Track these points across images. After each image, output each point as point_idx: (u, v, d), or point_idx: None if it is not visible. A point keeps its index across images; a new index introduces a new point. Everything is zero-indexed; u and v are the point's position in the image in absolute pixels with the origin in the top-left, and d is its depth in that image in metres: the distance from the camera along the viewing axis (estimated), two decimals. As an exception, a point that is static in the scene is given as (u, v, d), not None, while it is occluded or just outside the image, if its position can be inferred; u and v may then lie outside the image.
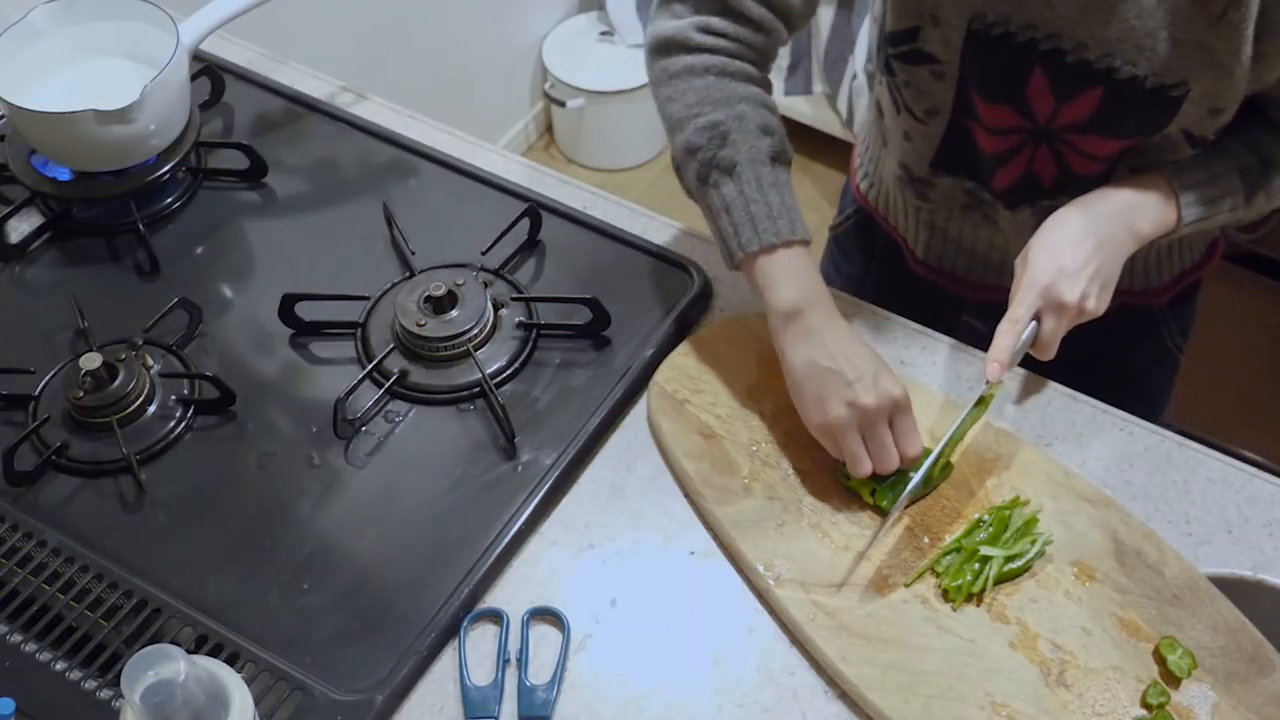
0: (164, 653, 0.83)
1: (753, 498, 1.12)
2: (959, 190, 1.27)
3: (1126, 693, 1.00)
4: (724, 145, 1.12)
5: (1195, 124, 1.11)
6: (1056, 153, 1.18)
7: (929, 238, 1.36)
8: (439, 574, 1.08)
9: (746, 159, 1.12)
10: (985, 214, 1.28)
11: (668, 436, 1.16)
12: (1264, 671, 1.00)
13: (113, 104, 1.27)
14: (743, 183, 1.12)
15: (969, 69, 1.14)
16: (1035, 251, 1.10)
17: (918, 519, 1.10)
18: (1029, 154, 1.19)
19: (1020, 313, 1.08)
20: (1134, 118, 1.11)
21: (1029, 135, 1.17)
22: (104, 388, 1.16)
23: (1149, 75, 1.07)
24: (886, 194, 1.39)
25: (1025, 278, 1.09)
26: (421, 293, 1.22)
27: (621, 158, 3.04)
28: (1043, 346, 1.11)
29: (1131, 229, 1.12)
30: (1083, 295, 1.08)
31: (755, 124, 1.13)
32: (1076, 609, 1.04)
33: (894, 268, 1.42)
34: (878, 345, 1.23)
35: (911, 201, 1.33)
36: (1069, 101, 1.12)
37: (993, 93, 1.15)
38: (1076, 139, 1.16)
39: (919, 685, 1.00)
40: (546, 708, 1.02)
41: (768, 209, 1.11)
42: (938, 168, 1.26)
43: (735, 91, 1.14)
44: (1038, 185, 1.22)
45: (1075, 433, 1.18)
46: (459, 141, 1.44)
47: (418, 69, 2.58)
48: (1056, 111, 1.14)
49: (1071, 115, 1.13)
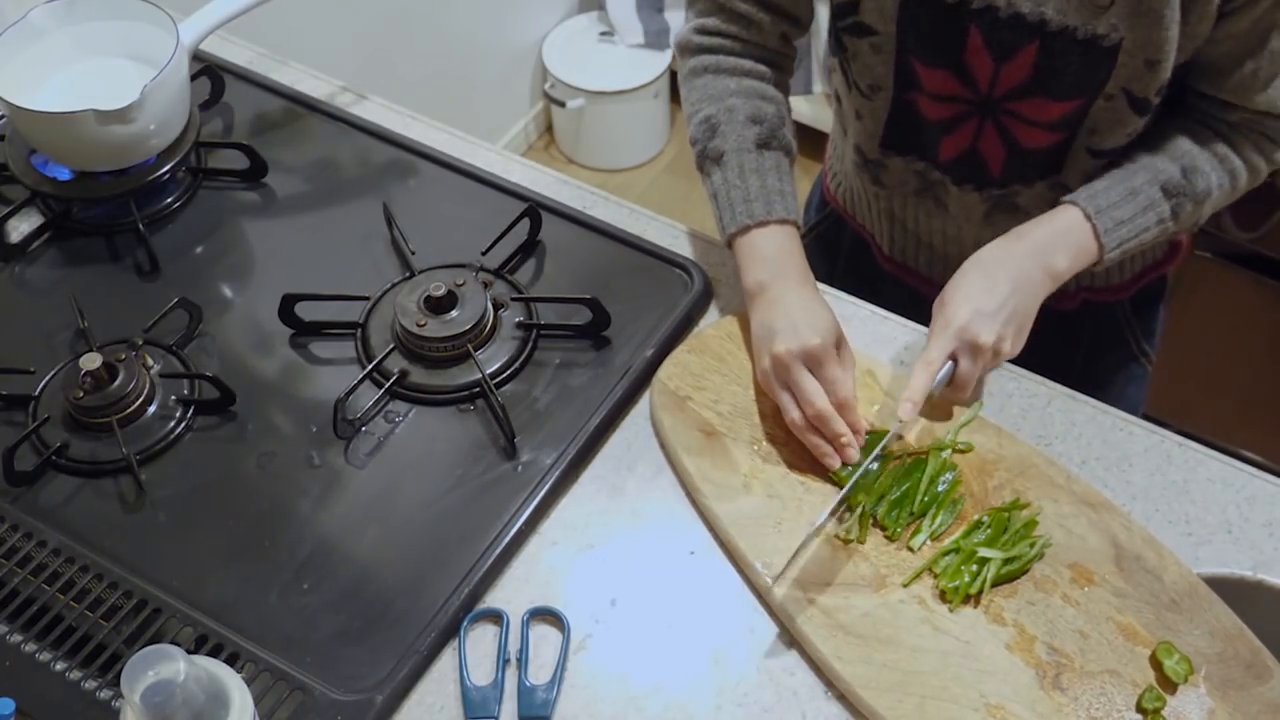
0: (164, 653, 0.83)
1: (752, 495, 1.12)
2: (910, 172, 1.29)
3: (1122, 697, 1.00)
4: (713, 137, 1.21)
5: (1135, 81, 1.11)
6: (1002, 127, 1.19)
7: (891, 229, 1.38)
8: (439, 574, 1.08)
9: (733, 148, 1.19)
10: (936, 198, 1.29)
11: (669, 433, 1.16)
12: (1261, 679, 1.00)
13: (113, 104, 1.27)
14: (727, 170, 1.20)
15: (906, 37, 1.15)
16: (950, 293, 1.11)
17: (918, 519, 1.11)
18: (975, 127, 1.20)
19: (934, 354, 1.09)
20: (1071, 73, 1.11)
21: (973, 106, 1.18)
22: (104, 388, 1.16)
23: (1080, 25, 1.08)
24: (850, 188, 1.40)
25: (940, 319, 1.11)
26: (421, 293, 1.22)
27: (621, 158, 3.04)
28: (959, 388, 1.12)
29: (1047, 268, 1.12)
30: (998, 337, 1.09)
31: (744, 115, 1.20)
32: (1074, 612, 1.04)
33: (862, 267, 1.44)
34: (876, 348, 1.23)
35: (869, 189, 1.35)
36: (1007, 61, 1.12)
37: (932, 58, 1.16)
38: (1019, 105, 1.16)
39: (913, 685, 1.00)
40: (546, 708, 1.02)
41: (745, 193, 1.18)
42: (888, 147, 1.28)
43: (727, 86, 1.22)
44: (985, 167, 1.22)
45: (1075, 433, 1.18)
46: (459, 141, 1.44)
47: (418, 69, 2.58)
48: (996, 74, 1.14)
49: (1011, 78, 1.14)
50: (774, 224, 1.17)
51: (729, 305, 1.28)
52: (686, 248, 1.32)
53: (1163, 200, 1.15)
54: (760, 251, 1.17)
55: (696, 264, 1.29)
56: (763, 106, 1.21)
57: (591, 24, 3.00)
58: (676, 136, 3.11)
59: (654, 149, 3.07)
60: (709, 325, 1.25)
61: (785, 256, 1.17)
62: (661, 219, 1.36)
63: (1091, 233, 1.14)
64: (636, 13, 2.92)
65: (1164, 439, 1.17)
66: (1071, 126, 1.17)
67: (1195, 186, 1.15)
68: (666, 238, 1.33)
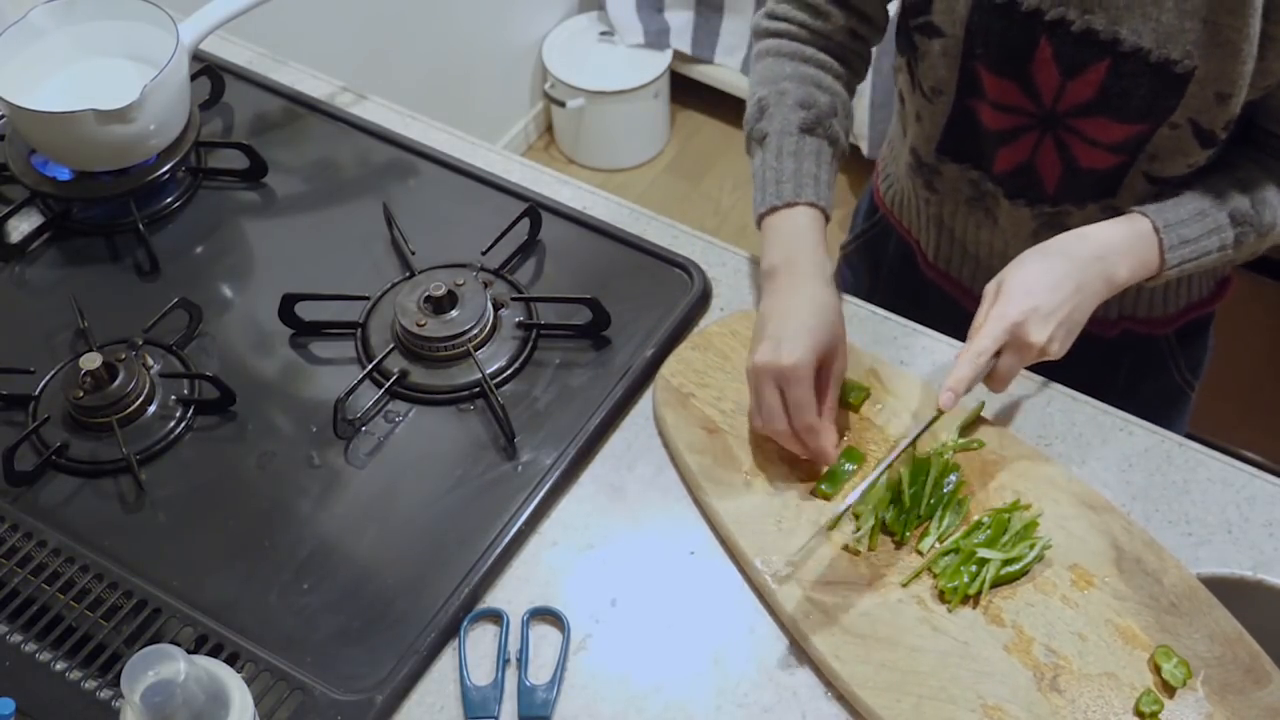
0: (164, 653, 0.83)
1: (754, 493, 1.12)
2: (963, 180, 1.27)
3: (1120, 700, 1.00)
4: (761, 118, 1.21)
5: (1203, 113, 1.10)
6: (1061, 143, 1.17)
7: (938, 237, 1.36)
8: (439, 574, 1.08)
9: (776, 130, 1.19)
10: (987, 209, 1.28)
11: (671, 429, 1.16)
12: (1260, 683, 1.00)
13: (113, 104, 1.27)
14: (767, 151, 1.19)
15: (974, 42, 1.14)
16: (1010, 285, 1.07)
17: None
18: (1033, 140, 1.18)
19: (985, 344, 1.05)
20: (1139, 96, 1.10)
21: (1034, 119, 1.16)
22: (104, 388, 1.16)
23: (1154, 48, 1.06)
24: (901, 191, 1.39)
25: (996, 309, 1.06)
26: (421, 293, 1.22)
27: (621, 158, 3.04)
28: (997, 380, 1.08)
29: (1108, 276, 1.10)
30: (1049, 338, 1.06)
31: (794, 99, 1.20)
32: (1073, 614, 1.04)
33: (905, 275, 1.42)
34: (877, 348, 1.23)
35: (921, 194, 1.33)
36: (1075, 78, 1.11)
37: (999, 66, 1.14)
38: (1082, 123, 1.14)
39: (910, 685, 1.00)
40: (546, 708, 1.02)
41: (778, 174, 1.17)
42: (943, 153, 1.27)
43: (783, 70, 1.22)
44: (1039, 183, 1.21)
45: (1075, 433, 1.18)
46: (459, 141, 1.44)
47: (418, 69, 2.58)
48: (1062, 89, 1.12)
49: (1077, 94, 1.12)
50: (802, 205, 1.16)
51: (729, 305, 1.28)
52: (686, 248, 1.32)
53: (1229, 227, 1.13)
54: (780, 234, 1.16)
55: (696, 264, 1.29)
56: (815, 94, 1.20)
57: (591, 24, 3.00)
58: (676, 136, 3.11)
59: (654, 149, 3.07)
60: (713, 322, 1.25)
61: (801, 241, 1.15)
62: (661, 219, 1.36)
63: (1157, 246, 1.11)
64: (636, 13, 2.92)
65: (1164, 439, 1.17)
66: (1132, 151, 1.15)
67: (1262, 218, 1.14)
68: (666, 238, 1.33)
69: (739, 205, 2.96)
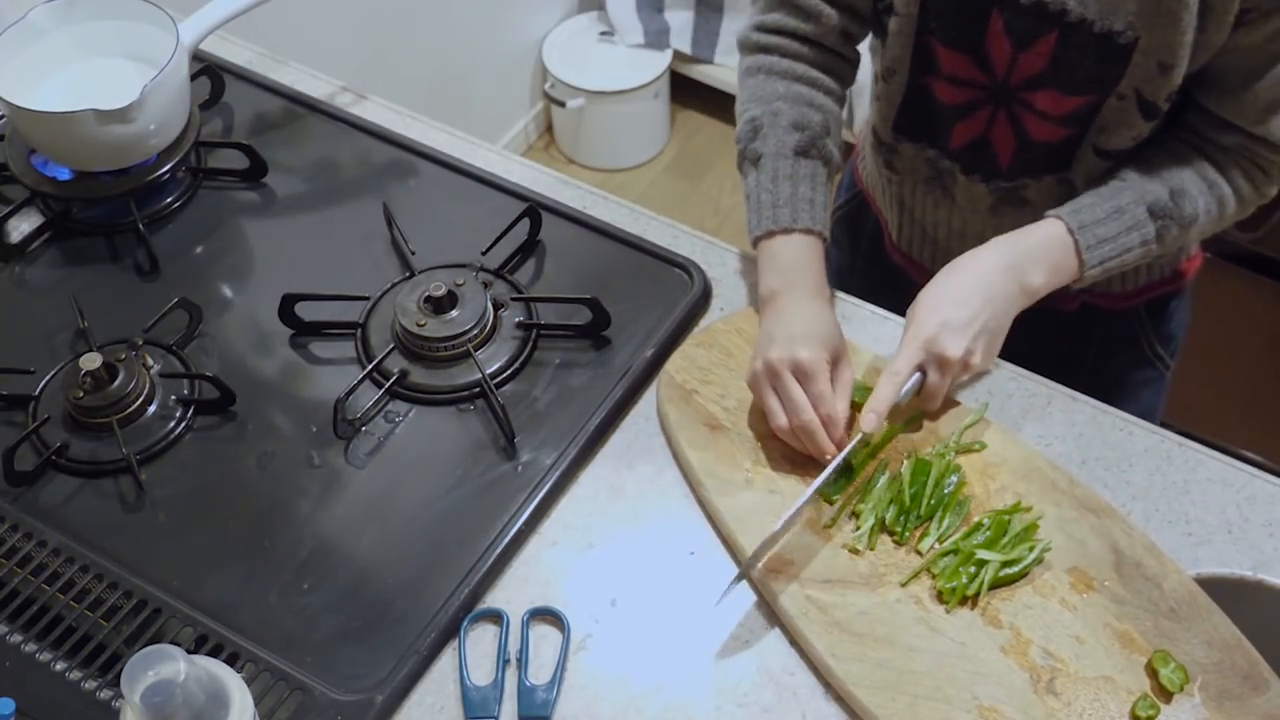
0: (164, 653, 0.83)
1: (754, 490, 1.12)
2: (920, 159, 1.29)
3: (1116, 704, 1.00)
4: (755, 138, 1.21)
5: (1146, 83, 1.11)
6: (1014, 117, 1.18)
7: (900, 217, 1.38)
8: (439, 574, 1.08)
9: (771, 152, 1.19)
10: (944, 187, 1.28)
11: (674, 425, 1.16)
12: (1257, 690, 0.99)
13: (113, 104, 1.27)
14: (762, 173, 1.19)
15: (928, 18, 1.15)
16: (920, 305, 1.12)
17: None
18: (987, 115, 1.20)
19: (901, 365, 1.10)
20: (1085, 68, 1.11)
21: (987, 93, 1.18)
22: (104, 388, 1.16)
23: (1098, 19, 1.08)
24: (870, 168, 1.41)
25: (910, 330, 1.11)
26: (421, 293, 1.22)
27: (621, 158, 3.04)
28: (927, 398, 1.13)
29: (1021, 283, 1.12)
30: (966, 350, 1.09)
31: (788, 120, 1.20)
32: (1071, 617, 1.04)
33: (876, 255, 1.44)
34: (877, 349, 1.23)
35: (883, 173, 1.35)
36: (1026, 49, 1.12)
37: (952, 39, 1.16)
38: (1033, 96, 1.16)
39: (906, 684, 1.00)
40: (546, 708, 1.02)
41: (774, 199, 1.18)
42: (900, 131, 1.28)
43: (776, 90, 1.22)
44: (994, 157, 1.22)
45: (1075, 433, 1.18)
46: (459, 141, 1.44)
47: (418, 69, 2.58)
48: (1014, 62, 1.14)
49: (1028, 66, 1.14)
50: (798, 233, 1.17)
51: (729, 305, 1.28)
52: (686, 248, 1.32)
53: (1148, 221, 1.15)
54: (779, 260, 1.17)
55: (696, 264, 1.29)
56: (808, 114, 1.21)
57: (591, 24, 3.00)
58: (676, 136, 3.11)
59: (654, 149, 3.07)
60: (718, 320, 1.25)
61: (801, 267, 1.17)
62: (661, 219, 1.36)
63: (1073, 248, 1.13)
64: (636, 13, 2.92)
65: (1164, 439, 1.17)
66: (1082, 123, 1.17)
67: (1183, 210, 1.15)
68: (666, 238, 1.33)
69: (739, 205, 2.96)
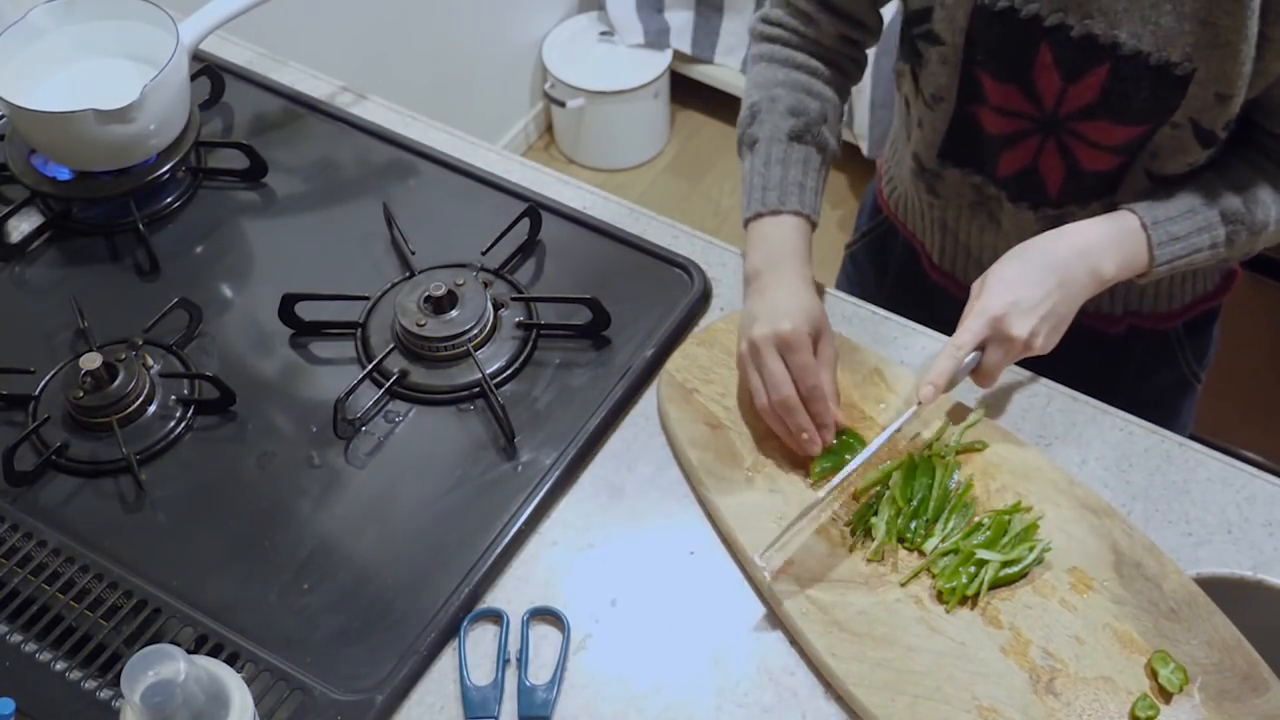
0: (164, 653, 0.83)
1: (754, 490, 1.12)
2: (966, 185, 1.28)
3: (1115, 704, 1.00)
4: (752, 123, 1.23)
5: (1203, 113, 1.10)
6: (1064, 147, 1.17)
7: (942, 240, 1.36)
8: (439, 574, 1.08)
9: (766, 136, 1.21)
10: (990, 212, 1.28)
11: (674, 424, 1.16)
12: (1257, 691, 0.99)
13: (113, 104, 1.27)
14: (756, 157, 1.21)
15: (975, 50, 1.14)
16: (991, 280, 1.10)
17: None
18: (1036, 144, 1.18)
19: (965, 339, 1.08)
20: (1140, 99, 1.10)
21: (1036, 124, 1.17)
22: (104, 388, 1.16)
23: (1153, 51, 1.07)
24: (904, 195, 1.39)
25: (977, 304, 1.09)
26: (421, 293, 1.22)
27: (621, 158, 3.04)
28: (984, 375, 1.10)
29: (1094, 270, 1.10)
30: (1031, 332, 1.07)
31: (785, 105, 1.21)
32: (1071, 617, 1.04)
33: (911, 277, 1.43)
34: (877, 349, 1.23)
35: (924, 198, 1.34)
36: (1075, 81, 1.11)
37: (1000, 72, 1.15)
38: (1084, 126, 1.14)
39: (906, 684, 1.00)
40: (546, 708, 1.02)
41: (764, 181, 1.19)
42: (945, 157, 1.27)
43: (775, 76, 1.24)
44: (1042, 185, 1.21)
45: (1075, 433, 1.18)
46: (459, 141, 1.44)
47: (418, 69, 2.58)
48: (1063, 93, 1.13)
49: (1078, 98, 1.12)
50: (786, 214, 1.18)
51: (729, 305, 1.28)
52: (686, 248, 1.32)
53: (1220, 224, 1.13)
54: (764, 240, 1.18)
55: (696, 264, 1.29)
56: (806, 100, 1.22)
57: (591, 24, 3.00)
58: (676, 136, 3.11)
59: (654, 149, 3.07)
60: (719, 319, 1.25)
61: (785, 247, 1.17)
62: (661, 219, 1.36)
63: (1145, 242, 1.12)
64: (636, 13, 2.92)
65: (1164, 439, 1.17)
66: (1133, 151, 1.16)
67: (1254, 216, 1.14)
68: (666, 238, 1.33)
69: (739, 205, 2.95)
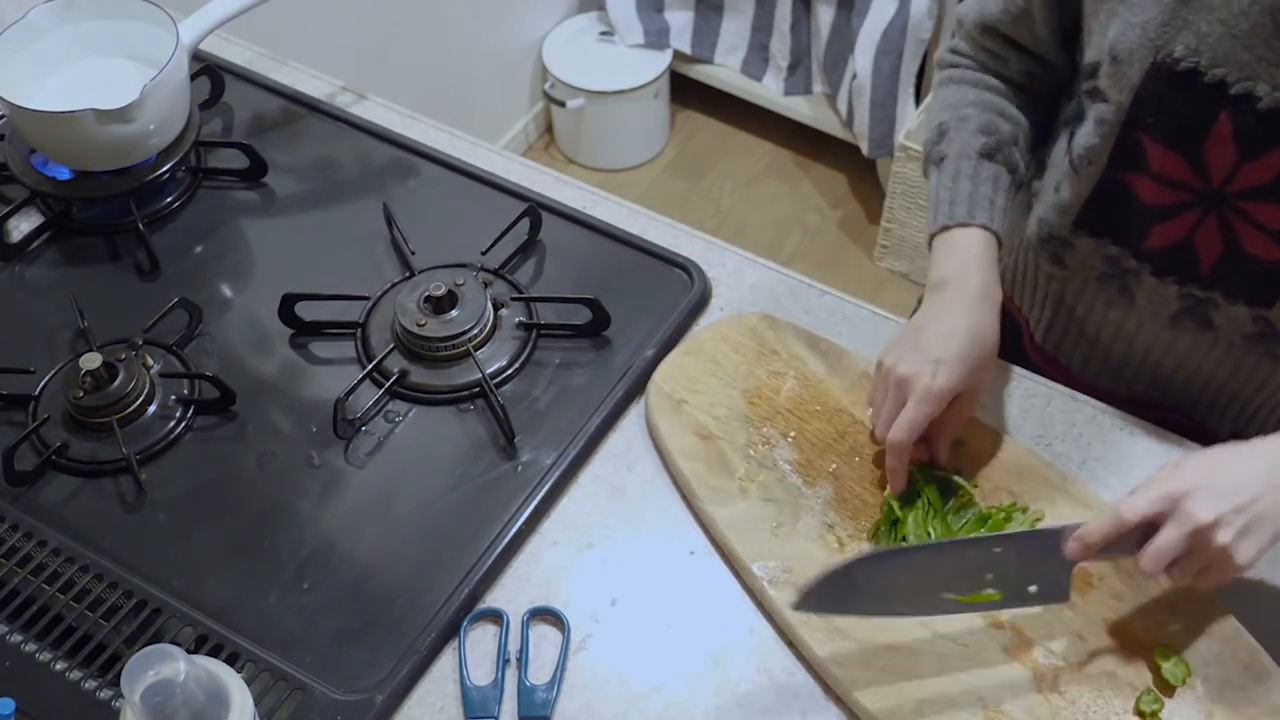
0: (164, 653, 0.83)
1: (749, 499, 1.12)
2: (1099, 257, 1.18)
3: (1120, 700, 1.00)
4: (940, 140, 1.19)
5: None
6: (1225, 223, 1.07)
7: (1053, 317, 1.28)
8: (439, 574, 1.08)
9: (955, 153, 1.17)
10: (1124, 286, 1.18)
11: (665, 437, 1.16)
12: (1259, 681, 1.00)
13: (112, 103, 1.27)
14: (944, 173, 1.16)
15: (1142, 111, 1.06)
16: (1188, 461, 0.95)
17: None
18: (1195, 219, 1.08)
19: (1139, 503, 0.92)
20: None
21: (1198, 197, 1.07)
22: (104, 388, 1.16)
23: None
24: (1016, 263, 1.30)
25: (1159, 476, 0.95)
26: (421, 293, 1.22)
27: (621, 158, 3.04)
28: (1148, 559, 0.92)
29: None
30: (1219, 520, 0.90)
31: (975, 125, 1.18)
32: (1072, 615, 1.04)
33: (1008, 353, 1.26)
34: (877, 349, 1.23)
35: (1045, 268, 1.25)
36: (1252, 160, 1.01)
37: (1168, 139, 1.05)
38: (1253, 207, 1.04)
39: (910, 689, 1.00)
40: (546, 708, 1.02)
41: (952, 195, 1.15)
42: (1081, 226, 1.18)
43: (965, 97, 1.21)
44: (1194, 262, 1.11)
45: (1075, 433, 1.18)
46: (459, 141, 1.44)
47: (418, 69, 2.58)
48: (1236, 170, 1.03)
49: (1253, 176, 1.02)
50: (975, 227, 1.12)
51: (729, 305, 1.28)
52: (686, 248, 1.32)
53: None
54: (953, 249, 1.13)
55: (696, 264, 1.29)
56: (997, 122, 1.18)
57: (591, 24, 3.00)
58: (676, 136, 3.11)
59: (654, 149, 3.07)
60: (704, 328, 1.25)
61: (972, 259, 1.11)
62: (661, 219, 1.36)
63: None
64: (636, 13, 2.92)
65: (1164, 438, 1.17)
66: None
67: None
68: (666, 238, 1.33)
69: (739, 205, 2.96)
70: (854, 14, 2.68)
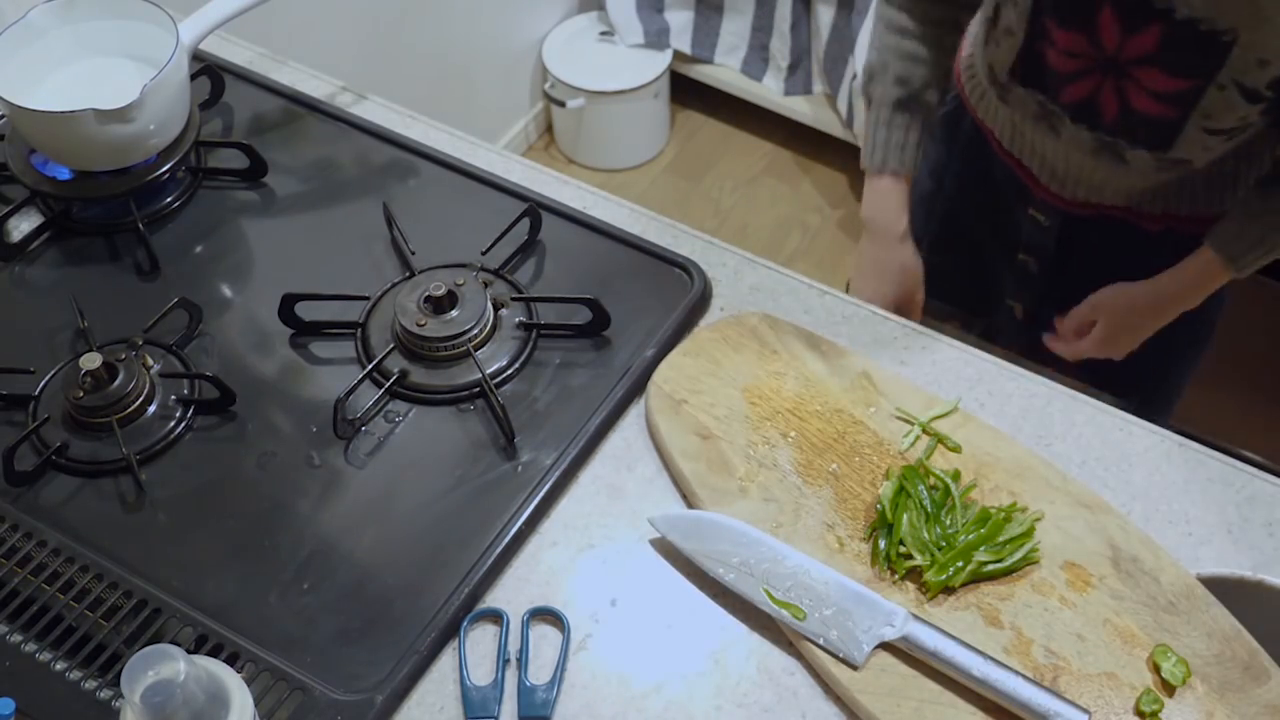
0: (164, 653, 0.83)
1: (749, 499, 1.12)
2: (1031, 101, 1.40)
3: (1120, 700, 1.00)
4: (870, 81, 1.45)
5: (1246, 74, 1.19)
6: (1119, 87, 1.28)
7: (1011, 133, 1.49)
8: (439, 574, 1.08)
9: (878, 100, 1.44)
10: (1051, 125, 1.40)
11: (665, 437, 1.16)
12: (1259, 680, 1.00)
13: (112, 103, 1.27)
14: (870, 115, 1.45)
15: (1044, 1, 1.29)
16: None
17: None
18: (1096, 81, 1.30)
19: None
20: (1189, 57, 1.21)
21: (1097, 64, 1.28)
22: (104, 388, 1.16)
23: (1202, 19, 1.17)
24: (979, 87, 1.52)
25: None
26: (421, 293, 1.22)
27: (621, 158, 3.04)
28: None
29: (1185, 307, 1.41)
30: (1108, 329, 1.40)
31: (894, 74, 1.42)
32: (1071, 615, 1.04)
33: (977, 153, 1.56)
34: (877, 349, 1.23)
35: (995, 101, 1.48)
36: (1134, 34, 1.22)
37: (1065, 20, 1.27)
38: (1140, 72, 1.25)
39: (911, 689, 1.00)
40: (546, 708, 1.02)
41: (873, 140, 1.44)
42: (1013, 77, 1.40)
43: (889, 42, 1.43)
44: (1098, 114, 1.33)
45: (1075, 433, 1.18)
46: (459, 142, 1.44)
47: (418, 69, 2.58)
48: (1124, 43, 1.24)
49: (1137, 47, 1.23)
50: (887, 175, 1.44)
51: (729, 305, 1.28)
52: (686, 248, 1.32)
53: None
54: (875, 192, 1.46)
55: (696, 264, 1.29)
56: (911, 69, 1.41)
57: (591, 24, 3.00)
58: (676, 136, 3.11)
59: (654, 149, 3.07)
60: (704, 327, 1.25)
61: (885, 206, 1.45)
62: (661, 219, 1.36)
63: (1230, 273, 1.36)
64: (636, 13, 2.92)
65: (1164, 439, 1.17)
66: (1182, 105, 1.26)
67: None
68: (666, 238, 1.33)
69: (739, 205, 2.96)
70: (854, 14, 2.68)
